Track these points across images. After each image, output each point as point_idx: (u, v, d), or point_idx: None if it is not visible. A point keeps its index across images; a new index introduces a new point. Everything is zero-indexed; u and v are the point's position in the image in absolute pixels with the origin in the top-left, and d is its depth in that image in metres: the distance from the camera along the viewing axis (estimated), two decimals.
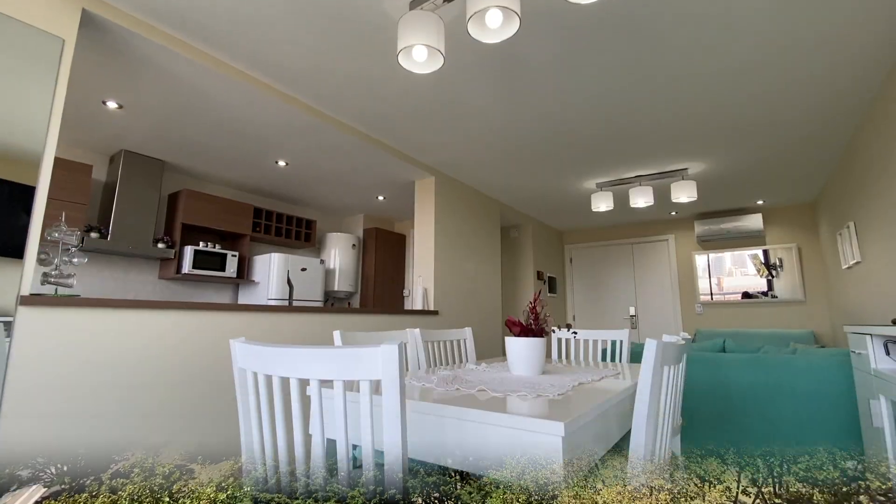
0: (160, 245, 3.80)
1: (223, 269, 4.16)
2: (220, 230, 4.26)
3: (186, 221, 3.96)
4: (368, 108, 3.01)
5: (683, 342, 1.32)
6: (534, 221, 6.20)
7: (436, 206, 4.13)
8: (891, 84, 2.59)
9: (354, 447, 1.35)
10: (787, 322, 5.44)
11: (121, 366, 1.87)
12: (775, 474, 0.79)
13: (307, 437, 0.87)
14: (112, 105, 2.88)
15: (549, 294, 6.48)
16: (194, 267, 3.94)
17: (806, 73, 2.58)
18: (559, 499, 0.67)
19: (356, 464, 1.30)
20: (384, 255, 5.77)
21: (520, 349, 1.62)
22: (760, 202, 5.38)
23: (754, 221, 5.46)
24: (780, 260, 5.55)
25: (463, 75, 2.56)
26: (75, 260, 1.90)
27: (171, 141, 3.48)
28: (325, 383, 0.81)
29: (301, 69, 2.53)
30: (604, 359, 2.57)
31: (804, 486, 0.75)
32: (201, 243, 4.08)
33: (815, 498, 0.71)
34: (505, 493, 0.66)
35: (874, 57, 2.42)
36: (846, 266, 3.95)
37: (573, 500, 0.66)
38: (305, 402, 0.87)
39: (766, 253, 5.65)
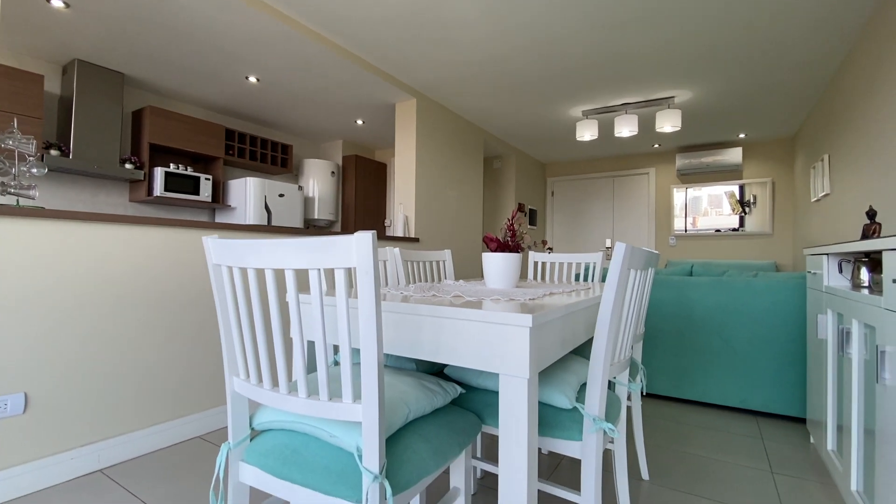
0: (128, 166, 3.63)
1: (197, 193, 4.04)
2: (190, 152, 4.07)
3: (154, 141, 3.76)
4: (343, 14, 2.79)
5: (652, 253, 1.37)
6: (517, 152, 6.11)
7: (417, 131, 4.00)
8: (876, 19, 2.52)
9: (336, 351, 1.41)
10: (754, 254, 5.69)
11: (91, 283, 1.86)
12: None
13: (286, 337, 0.90)
14: (57, 3, 2.60)
15: (529, 226, 6.55)
16: (166, 190, 3.80)
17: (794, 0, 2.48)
18: None
19: (336, 362, 1.36)
20: (365, 183, 5.66)
21: (496, 263, 1.66)
22: (742, 135, 5.39)
23: (734, 155, 5.50)
24: (755, 197, 5.68)
25: None
26: (34, 170, 1.80)
27: (129, 50, 3.20)
28: (303, 291, 0.82)
29: None
30: (577, 279, 2.66)
31: None
32: (172, 165, 3.92)
33: None
34: None
35: None
36: (815, 199, 4.07)
37: None
38: (283, 304, 0.88)
39: (741, 189, 5.76)
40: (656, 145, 5.93)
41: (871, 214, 2.04)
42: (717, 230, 5.88)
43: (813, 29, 2.87)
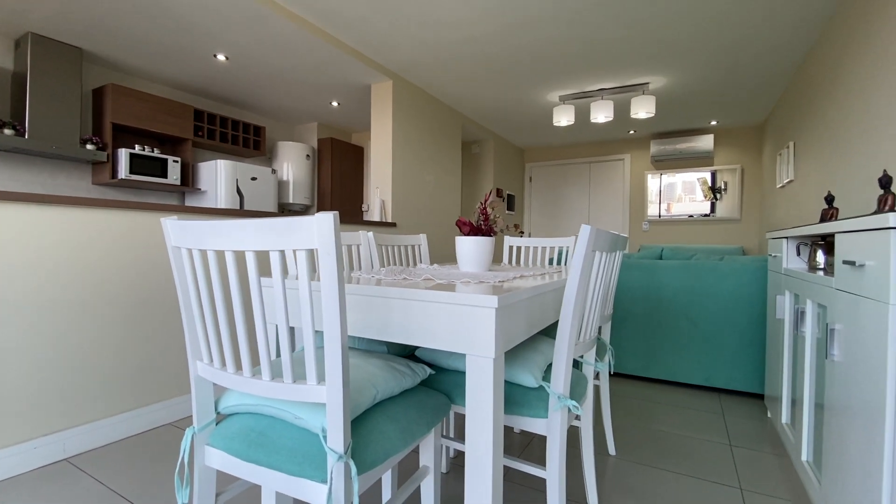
0: (89, 146, 3.47)
1: (165, 176, 3.90)
2: (157, 133, 3.92)
3: (117, 121, 3.61)
4: None
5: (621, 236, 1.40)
6: (496, 137, 6.09)
7: (393, 113, 3.95)
8: (841, 11, 2.59)
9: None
10: (724, 239, 5.87)
11: (52, 269, 1.79)
12: None
13: (249, 321, 0.88)
14: None
15: (507, 212, 6.59)
16: (132, 172, 3.66)
17: None
18: None
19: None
20: (341, 167, 5.57)
21: (468, 247, 1.66)
22: (714, 122, 5.50)
23: (706, 142, 5.62)
24: (725, 183, 5.84)
25: None
26: None
27: (87, 24, 3.04)
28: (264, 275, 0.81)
29: None
30: (550, 263, 2.70)
31: None
32: (137, 146, 3.77)
33: None
34: None
35: None
36: (780, 185, 4.21)
37: None
38: (246, 287, 0.87)
39: (713, 176, 5.90)
40: (631, 132, 6.00)
41: (830, 200, 2.13)
42: (690, 216, 6.03)
43: (780, 19, 2.93)
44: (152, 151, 3.84)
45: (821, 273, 1.56)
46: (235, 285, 0.83)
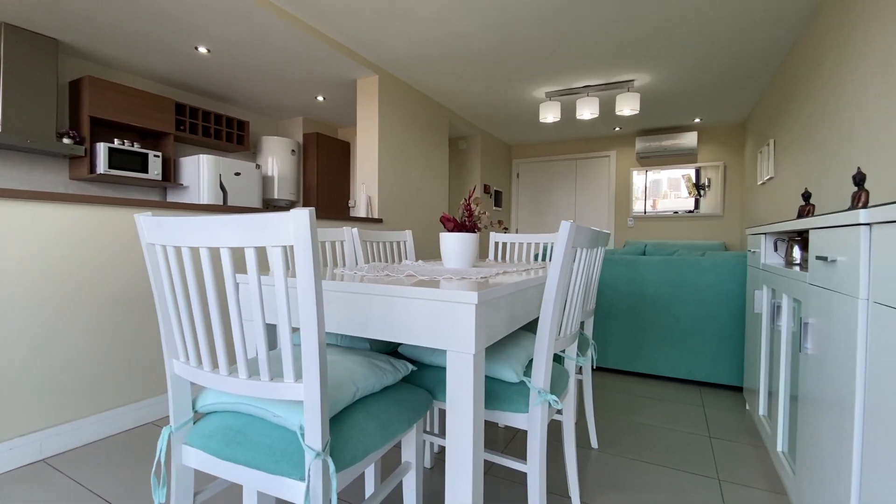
0: (66, 140, 3.39)
1: (146, 171, 3.83)
2: (137, 127, 3.83)
3: (95, 115, 3.52)
4: None
5: (603, 232, 1.41)
6: (483, 133, 6.09)
7: (380, 108, 3.92)
8: (821, 10, 2.64)
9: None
10: (707, 235, 5.96)
11: (30, 265, 1.74)
12: None
13: (225, 318, 0.87)
14: None
15: (494, 208, 6.60)
16: (111, 167, 3.58)
17: None
18: None
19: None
20: (327, 162, 5.52)
21: (452, 243, 1.66)
22: (697, 120, 5.57)
23: (689, 140, 5.69)
24: (709, 180, 5.92)
25: None
26: None
27: (62, 13, 2.95)
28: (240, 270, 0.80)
29: None
30: (536, 259, 2.72)
31: None
32: (116, 141, 3.68)
33: None
34: None
35: None
36: (761, 182, 4.28)
37: None
38: (221, 284, 0.86)
39: (697, 172, 5.99)
40: (617, 129, 6.05)
41: (807, 196, 2.17)
42: (676, 212, 6.11)
43: (761, 18, 2.97)
44: (132, 146, 3.76)
45: (796, 268, 1.59)
46: (211, 282, 0.82)
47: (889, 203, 0.82)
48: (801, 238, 1.75)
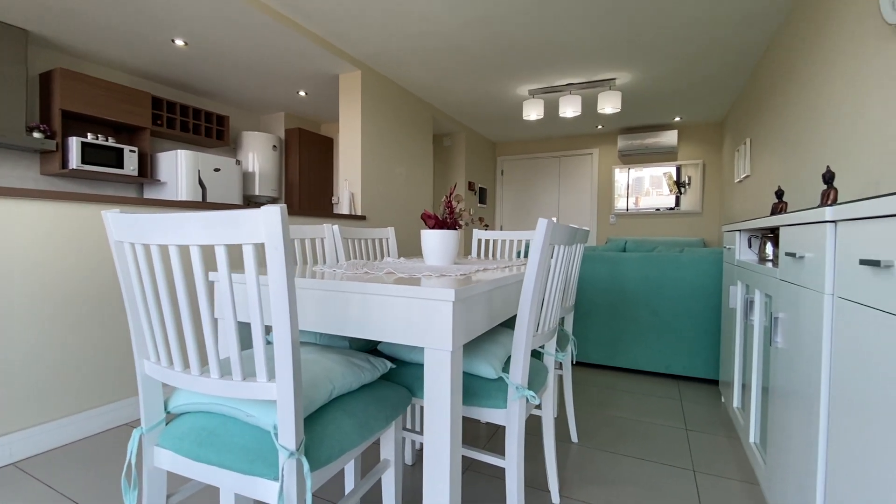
0: (36, 134, 3.28)
1: (121, 166, 3.73)
2: (112, 121, 3.73)
3: (67, 108, 3.41)
4: None
5: (581, 229, 1.42)
6: (468, 130, 6.09)
7: (362, 104, 3.88)
8: (796, 12, 2.70)
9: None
10: (686, 232, 6.08)
11: None
12: None
13: (195, 318, 0.85)
14: None
15: (479, 205, 6.61)
16: (84, 162, 3.48)
17: None
18: None
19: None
20: (310, 158, 5.46)
21: (433, 241, 1.66)
22: (678, 119, 5.66)
23: (670, 138, 5.78)
24: (689, 178, 6.03)
25: None
26: None
27: (33, 3, 2.85)
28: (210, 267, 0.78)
29: None
30: (518, 256, 2.73)
31: None
32: (90, 135, 3.58)
33: None
34: None
35: None
36: (738, 180, 4.38)
37: None
38: (192, 282, 0.84)
39: (678, 170, 6.09)
40: (599, 127, 6.11)
41: (780, 194, 2.22)
42: (657, 209, 6.21)
43: (738, 21, 3.03)
44: (106, 140, 3.66)
45: (769, 265, 1.63)
46: (181, 281, 0.81)
47: (854, 201, 0.84)
48: (774, 235, 1.79)
